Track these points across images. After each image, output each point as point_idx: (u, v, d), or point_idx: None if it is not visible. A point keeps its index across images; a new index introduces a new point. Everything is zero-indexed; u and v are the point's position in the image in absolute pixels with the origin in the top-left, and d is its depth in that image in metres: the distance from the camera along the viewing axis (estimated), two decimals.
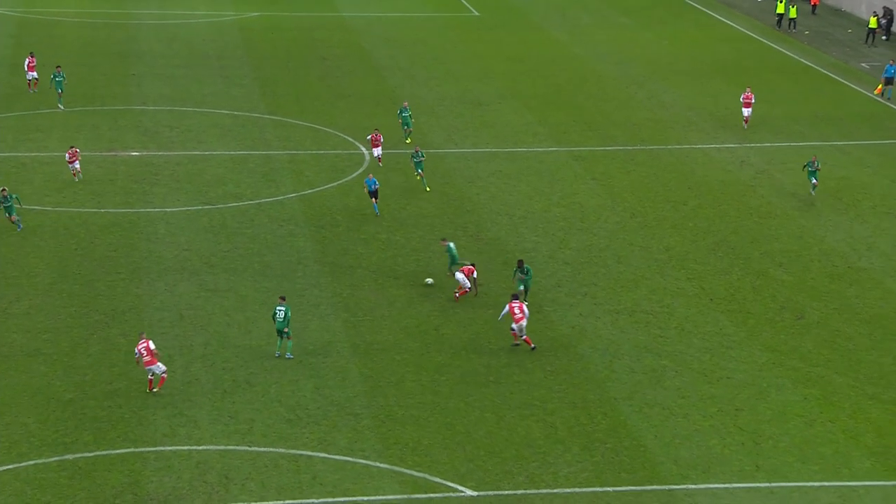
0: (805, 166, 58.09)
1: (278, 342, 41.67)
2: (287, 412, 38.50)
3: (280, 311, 41.30)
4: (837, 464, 36.85)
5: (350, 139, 65.16)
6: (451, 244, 48.39)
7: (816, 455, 37.26)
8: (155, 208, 55.21)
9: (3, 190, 51.18)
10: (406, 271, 49.41)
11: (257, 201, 56.39)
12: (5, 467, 35.05)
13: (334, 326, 44.05)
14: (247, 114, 69.38)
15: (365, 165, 60.71)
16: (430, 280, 47.89)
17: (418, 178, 57.95)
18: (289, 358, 41.55)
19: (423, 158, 58.03)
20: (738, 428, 38.70)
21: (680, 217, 56.59)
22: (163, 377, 39.02)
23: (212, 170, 60.19)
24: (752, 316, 46.66)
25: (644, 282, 49.50)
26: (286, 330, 41.44)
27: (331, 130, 66.51)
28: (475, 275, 46.57)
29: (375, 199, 54.24)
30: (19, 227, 51.12)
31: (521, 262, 46.49)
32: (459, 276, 46.36)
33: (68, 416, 37.77)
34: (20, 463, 35.27)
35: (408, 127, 63.95)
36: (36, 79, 68.94)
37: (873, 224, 55.97)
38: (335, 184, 58.93)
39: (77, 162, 56.88)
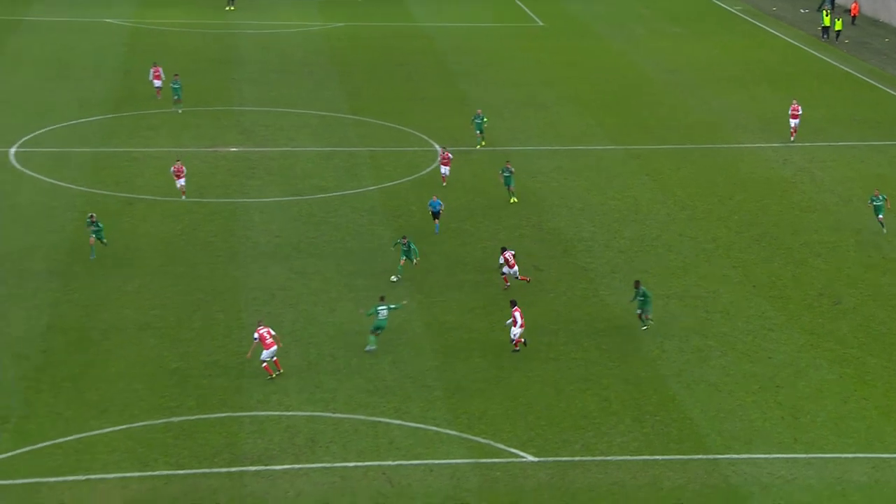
0: (870, 200, 53.30)
1: (372, 339, 40.87)
2: (366, 383, 38.90)
3: (382, 310, 40.56)
4: (870, 437, 36.62)
5: (425, 137, 65.35)
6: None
7: (850, 429, 37.07)
8: (251, 199, 55.84)
9: (92, 216, 48.27)
10: (474, 258, 49.60)
11: (341, 193, 56.84)
12: (118, 427, 35.71)
13: (409, 307, 44.38)
14: (332, 114, 69.83)
15: (433, 165, 60.65)
16: (394, 278, 46.29)
17: (510, 193, 55.37)
18: (370, 350, 40.74)
19: (512, 172, 55.39)
20: (777, 403, 38.57)
21: (726, 210, 56.28)
22: (275, 359, 38.92)
23: (301, 164, 60.74)
24: (792, 301, 46.41)
25: (692, 269, 49.36)
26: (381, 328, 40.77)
27: (408, 129, 66.77)
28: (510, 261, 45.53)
29: (437, 219, 51.64)
30: (93, 255, 47.69)
31: (637, 284, 43.33)
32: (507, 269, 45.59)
33: (174, 383, 38.45)
34: (132, 424, 35.92)
35: (481, 132, 63.58)
36: (160, 87, 69.39)
37: None
38: (411, 178, 59.22)
39: (183, 179, 54.62)
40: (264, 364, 38.53)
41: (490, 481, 33.77)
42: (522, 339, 41.11)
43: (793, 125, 65.80)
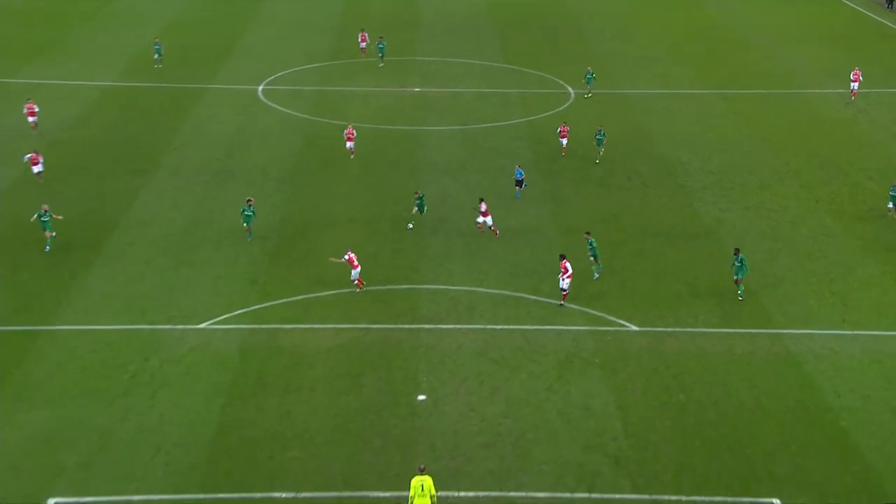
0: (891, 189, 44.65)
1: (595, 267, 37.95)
2: (510, 267, 39.18)
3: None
4: None
5: (561, 82, 64.42)
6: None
7: (890, 313, 36.11)
8: (428, 127, 56.12)
9: (249, 200, 41.13)
10: (597, 175, 49.09)
11: (496, 124, 56.65)
12: (331, 292, 36.77)
13: (544, 212, 44.28)
14: (490, 63, 69.25)
15: (569, 102, 60.15)
16: (410, 225, 42.08)
17: (598, 153, 50.47)
18: (596, 278, 37.56)
19: (604, 137, 50.75)
20: (831, 293, 37.56)
21: (798, 142, 54.29)
22: (359, 278, 36.70)
23: (466, 102, 60.64)
24: (847, 214, 44.76)
25: (768, 188, 47.93)
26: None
27: (548, 76, 65.88)
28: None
29: (519, 187, 45.60)
30: (250, 237, 40.48)
31: (736, 251, 37.35)
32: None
33: (371, 262, 39.17)
34: (341, 290, 36.93)
35: (590, 85, 61.79)
36: (364, 48, 69.61)
37: None
38: (550, 113, 58.60)
39: (352, 142, 49.92)
40: (354, 281, 36.80)
41: (602, 343, 33.93)
42: (566, 290, 35.82)
43: (853, 88, 61.75)
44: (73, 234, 41.24)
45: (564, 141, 50.86)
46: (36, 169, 45.81)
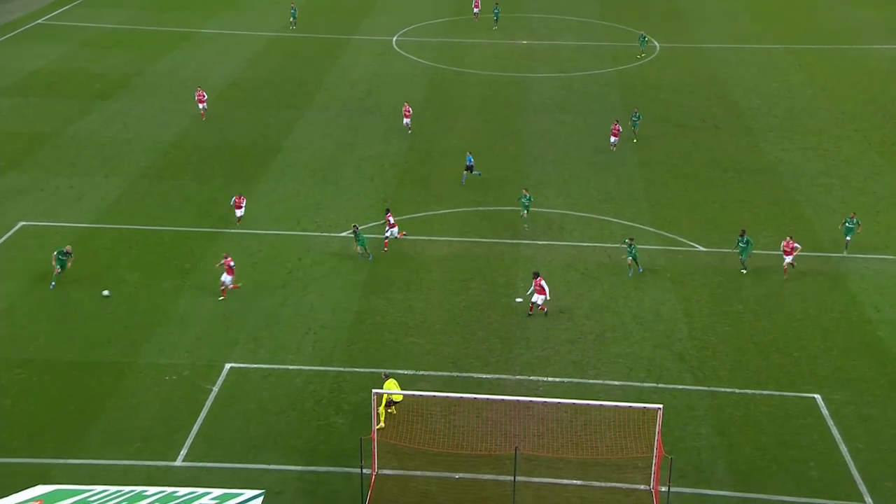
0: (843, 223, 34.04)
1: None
2: (598, 194, 38.23)
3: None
4: None
5: (649, 36, 61.64)
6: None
7: None
8: (532, 74, 54.72)
9: (354, 226, 33.10)
10: (675, 117, 47.10)
11: (589, 72, 54.78)
12: (448, 210, 36.56)
13: (628, 148, 42.82)
14: (586, 20, 66.69)
15: (653, 55, 57.59)
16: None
17: (634, 135, 43.04)
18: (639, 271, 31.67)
19: (639, 119, 43.28)
20: (876, 223, 35.49)
21: (855, 91, 50.81)
22: (234, 284, 30.02)
23: (564, 53, 58.71)
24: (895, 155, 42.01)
25: (826, 131, 45.17)
26: None
27: (635, 31, 63.10)
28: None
29: (469, 172, 38.51)
30: (369, 257, 32.59)
31: (742, 232, 32.10)
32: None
33: (479, 187, 38.73)
34: (455, 209, 36.62)
35: (642, 46, 57.67)
36: (477, 13, 66.84)
37: None
38: (636, 64, 56.31)
39: (408, 118, 43.84)
40: (225, 287, 29.87)
41: (673, 261, 33.00)
42: (544, 309, 29.00)
43: None
44: (245, 156, 42.17)
45: (614, 139, 41.79)
46: (238, 213, 35.30)
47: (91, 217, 36.05)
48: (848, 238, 32.92)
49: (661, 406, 21.57)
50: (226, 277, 30.02)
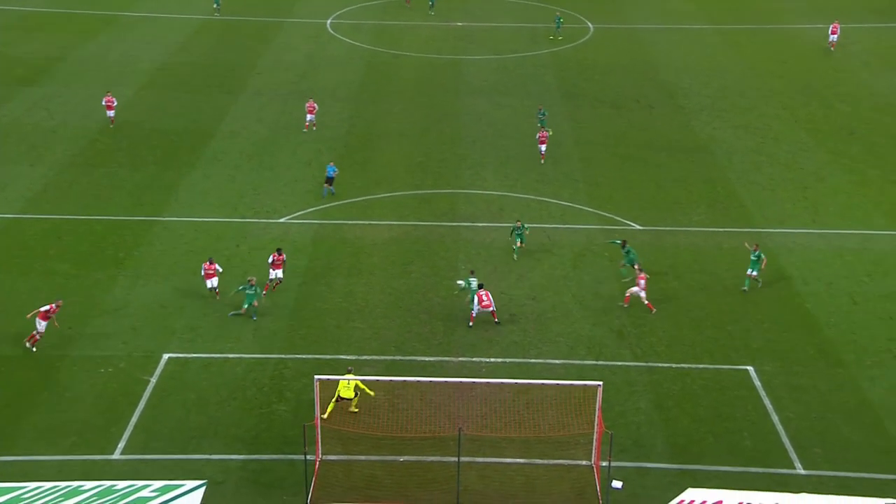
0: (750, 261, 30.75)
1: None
2: (536, 175, 38.48)
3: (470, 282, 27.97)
4: (865, 220, 34.92)
5: (582, 18, 62.32)
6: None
7: (852, 216, 35.29)
8: (467, 56, 54.75)
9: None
10: (610, 98, 47.76)
11: (524, 54, 55.08)
12: (387, 194, 36.38)
13: (565, 129, 43.32)
14: (522, 1, 66.93)
15: (588, 35, 58.35)
16: None
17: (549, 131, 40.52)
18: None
19: (545, 116, 41.51)
20: (804, 198, 36.69)
21: (782, 69, 52.37)
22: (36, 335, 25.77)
23: (500, 34, 58.86)
24: (821, 132, 43.36)
25: (755, 108, 46.44)
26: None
27: (572, 12, 63.59)
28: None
29: (329, 185, 35.75)
30: (253, 317, 27.73)
31: (624, 242, 30.68)
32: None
33: (419, 170, 38.98)
34: (394, 193, 36.61)
35: (559, 28, 57.62)
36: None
37: None
38: (570, 45, 56.83)
39: (312, 115, 41.78)
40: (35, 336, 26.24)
41: (611, 238, 33.50)
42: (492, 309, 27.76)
43: (832, 40, 55.72)
44: (178, 142, 41.23)
45: (543, 147, 39.20)
46: (210, 284, 29.17)
47: (17, 207, 34.82)
48: (754, 273, 29.58)
49: (601, 383, 21.99)
50: (39, 325, 25.71)
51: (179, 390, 24.90)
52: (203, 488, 18.59)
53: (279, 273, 29.46)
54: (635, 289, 28.85)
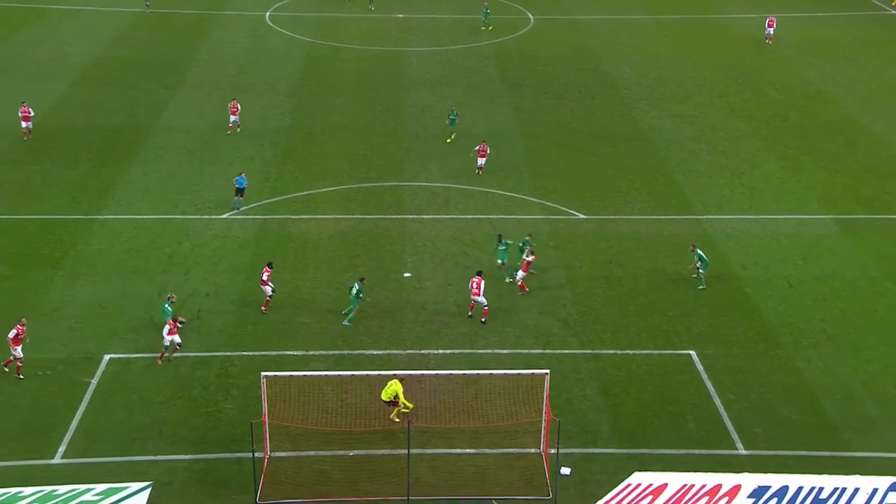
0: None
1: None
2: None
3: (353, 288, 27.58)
4: (798, 206, 35.84)
5: (522, 8, 62.73)
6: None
7: (786, 201, 36.20)
8: (410, 48, 54.63)
9: (171, 297, 27.03)
10: (553, 89, 48.20)
11: (467, 46, 55.19)
12: (331, 188, 36.19)
13: (509, 120, 43.61)
14: None
15: (529, 27, 58.80)
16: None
17: (450, 132, 40.44)
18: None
19: (457, 117, 40.65)
20: (740, 184, 37.59)
21: (717, 59, 53.44)
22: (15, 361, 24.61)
23: (442, 27, 58.86)
24: (755, 119, 44.49)
25: (692, 98, 47.35)
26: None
27: (511, 3, 63.93)
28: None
29: (239, 196, 34.07)
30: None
31: (500, 237, 30.69)
32: None
33: (363, 163, 38.76)
34: (339, 186, 36.38)
35: (486, 18, 58.06)
36: None
37: (836, 65, 52.19)
38: (512, 36, 57.15)
39: (236, 116, 40.56)
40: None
41: (556, 228, 33.93)
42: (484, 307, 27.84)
43: (769, 33, 56.27)
44: (114, 138, 40.28)
45: (482, 160, 37.41)
46: (169, 340, 25.78)
47: None
48: (701, 271, 29.77)
49: (548, 371, 22.28)
50: (16, 350, 24.46)
51: (122, 391, 24.41)
52: (148, 490, 18.29)
53: (268, 289, 27.99)
54: (522, 273, 29.20)
